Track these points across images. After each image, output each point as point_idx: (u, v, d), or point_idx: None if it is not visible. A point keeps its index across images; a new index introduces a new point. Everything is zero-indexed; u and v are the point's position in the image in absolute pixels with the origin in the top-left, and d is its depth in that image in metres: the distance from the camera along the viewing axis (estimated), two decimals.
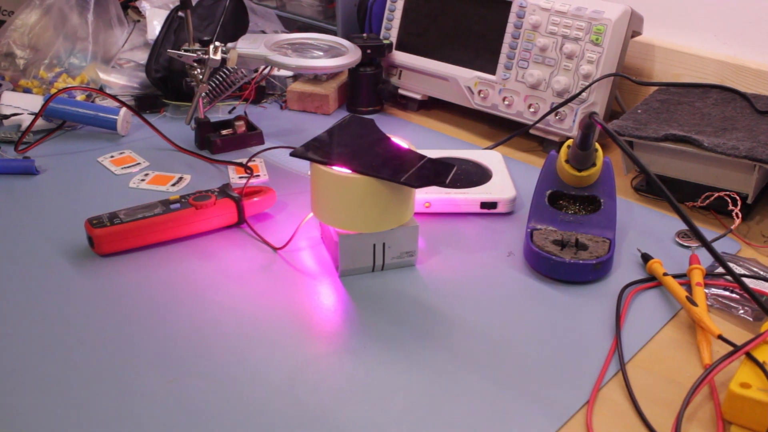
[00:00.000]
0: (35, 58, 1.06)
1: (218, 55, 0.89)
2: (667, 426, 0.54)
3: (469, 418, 0.55)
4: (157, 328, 0.63)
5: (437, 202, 0.80)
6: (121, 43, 1.11)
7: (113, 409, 0.55)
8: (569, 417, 0.55)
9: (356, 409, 0.56)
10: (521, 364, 0.60)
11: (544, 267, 0.71)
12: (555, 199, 0.76)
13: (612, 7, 0.90)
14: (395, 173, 0.65)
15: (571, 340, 0.63)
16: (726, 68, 0.99)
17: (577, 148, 0.73)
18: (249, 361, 0.60)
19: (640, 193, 0.87)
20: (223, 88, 0.97)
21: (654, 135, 0.81)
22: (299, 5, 1.22)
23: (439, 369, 0.60)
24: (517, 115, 0.97)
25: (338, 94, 1.08)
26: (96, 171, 0.90)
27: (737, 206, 0.77)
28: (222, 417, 0.55)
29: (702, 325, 0.62)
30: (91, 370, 0.59)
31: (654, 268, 0.70)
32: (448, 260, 0.74)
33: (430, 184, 0.66)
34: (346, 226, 0.69)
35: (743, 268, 0.71)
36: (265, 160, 0.92)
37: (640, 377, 0.59)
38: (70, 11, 1.08)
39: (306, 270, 0.72)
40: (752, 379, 0.54)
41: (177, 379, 0.58)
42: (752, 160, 0.75)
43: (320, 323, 0.65)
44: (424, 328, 0.64)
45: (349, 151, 0.70)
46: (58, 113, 0.97)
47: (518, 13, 0.95)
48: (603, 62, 0.90)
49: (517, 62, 0.96)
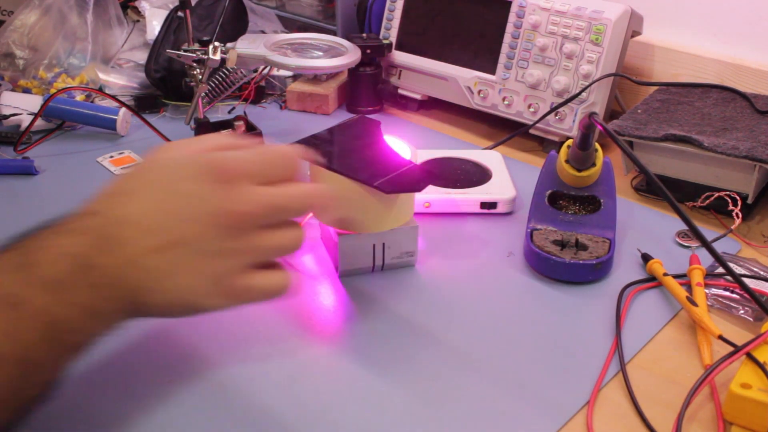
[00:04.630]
0: (34, 58, 1.06)
1: (218, 55, 0.89)
2: (668, 426, 0.54)
3: (468, 418, 0.55)
4: (156, 328, 0.63)
5: (437, 202, 0.80)
6: (120, 43, 1.11)
7: (111, 410, 0.55)
8: (569, 417, 0.55)
9: (356, 409, 0.56)
10: (521, 365, 0.60)
11: (544, 267, 0.70)
12: (555, 199, 0.76)
13: (612, 7, 0.90)
14: (372, 176, 0.65)
15: (571, 340, 0.63)
16: (726, 68, 0.99)
17: (577, 148, 0.72)
18: (249, 362, 0.60)
19: (640, 193, 0.87)
20: (223, 88, 0.97)
21: (654, 135, 0.81)
22: (299, 5, 1.22)
23: (439, 369, 0.60)
24: (517, 115, 0.97)
25: (338, 94, 1.08)
26: (96, 171, 0.90)
27: (737, 206, 0.77)
28: (221, 417, 0.55)
29: (702, 326, 0.62)
30: (89, 370, 0.59)
31: (654, 268, 0.70)
32: (448, 260, 0.74)
33: (403, 191, 0.66)
34: (346, 227, 0.69)
35: (743, 268, 0.71)
36: None
37: (641, 378, 0.59)
38: (70, 11, 1.07)
39: (306, 270, 0.72)
40: (753, 379, 0.54)
41: (176, 379, 0.58)
42: (752, 160, 0.75)
43: (320, 323, 0.65)
44: (424, 328, 0.64)
45: (339, 150, 0.70)
46: (57, 113, 0.97)
47: (518, 12, 0.95)
48: (603, 62, 0.90)
49: (516, 62, 0.96)
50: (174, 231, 0.48)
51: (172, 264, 0.48)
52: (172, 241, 0.48)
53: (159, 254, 0.48)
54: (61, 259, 0.47)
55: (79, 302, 0.47)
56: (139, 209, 0.49)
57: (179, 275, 0.49)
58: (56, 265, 0.47)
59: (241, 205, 0.49)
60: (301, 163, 0.54)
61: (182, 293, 0.49)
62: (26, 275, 0.46)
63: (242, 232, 0.49)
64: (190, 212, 0.49)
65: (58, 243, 0.48)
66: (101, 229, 0.48)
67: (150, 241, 0.48)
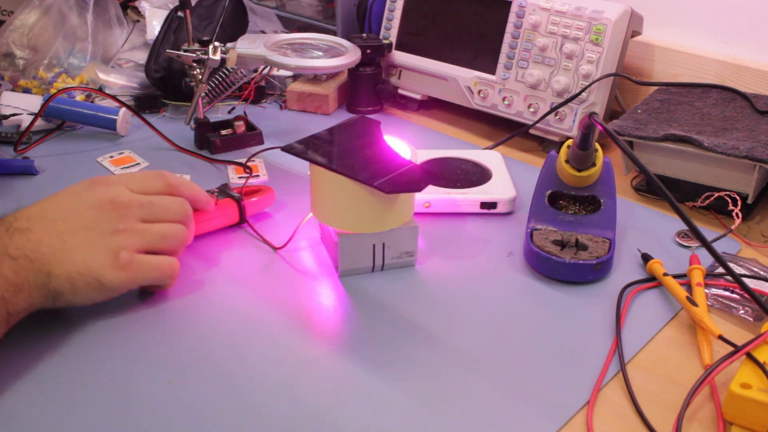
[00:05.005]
0: (34, 58, 1.06)
1: (217, 55, 0.89)
2: (668, 427, 0.54)
3: (468, 418, 0.55)
4: (156, 328, 0.63)
5: (437, 202, 0.80)
6: (120, 43, 1.11)
7: (111, 410, 0.55)
8: (569, 418, 0.55)
9: (356, 409, 0.56)
10: (521, 365, 0.60)
11: (544, 267, 0.70)
12: (555, 199, 0.76)
13: (612, 7, 0.90)
14: (372, 176, 0.65)
15: (571, 340, 0.63)
16: (726, 68, 0.99)
17: (577, 148, 0.72)
18: (248, 362, 0.60)
19: (640, 193, 0.87)
20: (223, 88, 0.97)
21: (654, 135, 0.81)
22: (299, 5, 1.22)
23: (439, 369, 0.60)
24: (517, 115, 0.97)
25: (338, 94, 1.08)
26: (96, 171, 0.90)
27: (737, 206, 0.77)
28: (221, 418, 0.55)
29: (702, 326, 0.62)
30: (89, 370, 0.59)
31: (654, 268, 0.70)
32: (448, 260, 0.74)
33: (403, 191, 0.66)
34: (346, 227, 0.69)
35: (743, 268, 0.71)
36: (265, 160, 0.91)
37: (641, 378, 0.59)
38: (70, 11, 1.07)
39: (305, 270, 0.72)
40: (753, 379, 0.54)
41: (176, 380, 0.58)
42: (752, 160, 0.75)
43: (320, 323, 0.65)
44: (423, 328, 0.64)
45: (339, 150, 0.70)
46: (57, 113, 0.97)
47: (518, 12, 0.95)
48: (603, 62, 0.90)
49: (516, 62, 0.96)
50: (74, 218, 0.61)
51: (76, 243, 0.60)
52: (73, 226, 0.61)
53: (64, 236, 0.60)
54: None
55: (3, 274, 0.56)
56: (41, 208, 0.62)
57: (80, 250, 0.60)
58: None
59: (123, 198, 0.64)
60: (174, 183, 0.68)
61: (84, 264, 0.59)
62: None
63: (128, 217, 0.63)
64: (85, 205, 0.62)
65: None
66: (11, 222, 0.59)
67: (55, 227, 0.60)
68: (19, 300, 0.57)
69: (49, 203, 0.63)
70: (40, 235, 0.59)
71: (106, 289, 0.61)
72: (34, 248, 0.58)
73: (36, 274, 0.57)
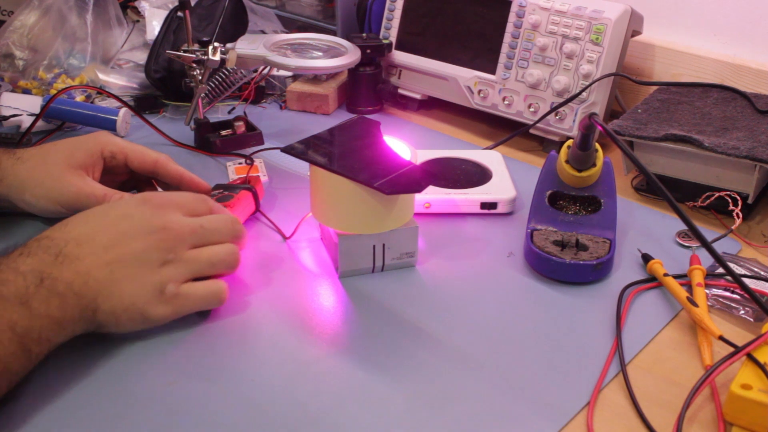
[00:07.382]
0: (34, 59, 1.06)
1: (217, 55, 0.89)
2: (669, 427, 0.54)
3: (468, 419, 0.55)
4: (157, 329, 0.63)
5: (437, 203, 0.80)
6: (120, 44, 1.11)
7: (112, 412, 0.55)
8: (570, 418, 0.55)
9: (356, 410, 0.56)
10: (521, 365, 0.60)
11: (544, 267, 0.70)
12: (555, 199, 0.76)
13: (612, 7, 0.90)
14: (372, 177, 0.65)
15: (571, 340, 0.63)
16: (726, 68, 0.99)
17: (577, 148, 0.72)
18: (248, 363, 0.60)
19: (640, 193, 0.87)
20: (223, 89, 0.97)
21: (654, 135, 0.81)
22: (298, 5, 1.22)
23: (439, 370, 0.60)
24: (517, 114, 0.97)
25: (338, 94, 1.08)
26: None
27: (738, 206, 0.77)
28: (221, 419, 0.55)
29: (703, 326, 0.62)
30: (89, 371, 0.59)
31: (654, 268, 0.70)
32: (448, 261, 0.74)
33: (403, 191, 0.66)
34: (346, 227, 0.69)
35: (744, 269, 0.71)
36: (265, 160, 0.91)
37: (641, 378, 0.59)
38: (69, 12, 1.07)
39: (305, 271, 0.72)
40: (753, 380, 0.54)
41: (176, 381, 0.58)
42: (753, 160, 0.75)
43: (320, 324, 0.65)
44: (424, 328, 0.64)
45: (339, 151, 0.70)
46: (57, 114, 0.97)
47: (518, 12, 0.95)
48: (603, 62, 0.90)
49: (516, 62, 0.95)
50: (124, 246, 0.58)
51: (123, 275, 0.58)
52: (122, 255, 0.58)
53: (111, 266, 0.57)
54: (23, 277, 0.54)
55: (47, 313, 0.54)
56: (91, 230, 0.59)
57: (127, 283, 0.58)
58: (20, 282, 0.53)
59: (174, 224, 0.61)
60: (213, 203, 0.67)
61: (130, 299, 0.58)
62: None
63: (177, 246, 0.60)
64: (134, 231, 0.59)
65: (15, 266, 0.54)
66: (57, 248, 0.56)
67: (103, 256, 0.57)
68: (60, 338, 0.56)
69: (98, 223, 0.60)
70: (88, 265, 0.56)
71: (150, 322, 0.60)
72: (82, 283, 0.56)
73: (82, 310, 0.56)
